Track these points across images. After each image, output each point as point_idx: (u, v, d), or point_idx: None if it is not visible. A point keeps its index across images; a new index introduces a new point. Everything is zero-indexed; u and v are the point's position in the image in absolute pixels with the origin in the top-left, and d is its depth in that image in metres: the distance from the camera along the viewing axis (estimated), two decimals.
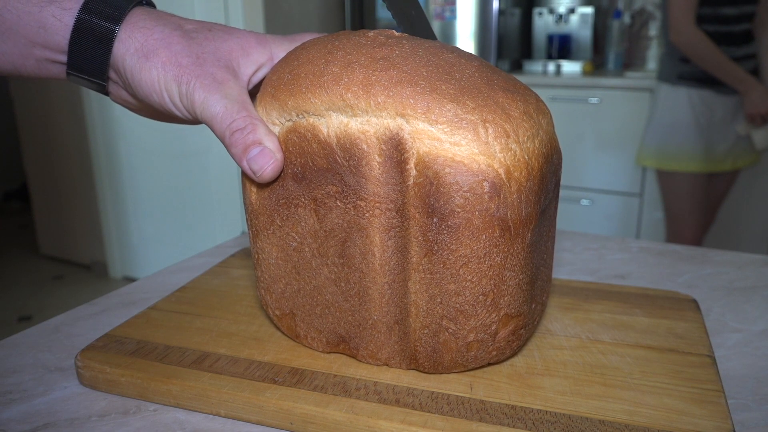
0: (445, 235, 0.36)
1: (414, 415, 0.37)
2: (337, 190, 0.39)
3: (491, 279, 0.37)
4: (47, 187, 2.75)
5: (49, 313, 2.28)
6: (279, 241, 0.43)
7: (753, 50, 1.68)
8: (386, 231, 0.38)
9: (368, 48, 0.38)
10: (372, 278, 0.40)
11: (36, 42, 0.40)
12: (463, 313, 0.38)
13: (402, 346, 0.41)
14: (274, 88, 0.40)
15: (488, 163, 0.35)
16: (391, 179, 0.37)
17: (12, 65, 0.40)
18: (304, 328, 0.44)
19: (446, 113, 0.35)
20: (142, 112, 0.45)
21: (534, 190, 0.37)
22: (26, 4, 0.39)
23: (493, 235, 0.36)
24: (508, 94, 0.38)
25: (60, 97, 2.52)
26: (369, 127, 0.37)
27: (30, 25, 0.39)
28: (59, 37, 0.39)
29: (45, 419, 0.40)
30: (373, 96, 0.36)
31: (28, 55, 0.40)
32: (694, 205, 1.79)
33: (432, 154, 0.35)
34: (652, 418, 0.37)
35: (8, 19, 0.39)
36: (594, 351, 0.44)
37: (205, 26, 0.42)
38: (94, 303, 0.58)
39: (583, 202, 2.31)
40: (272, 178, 0.40)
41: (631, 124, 2.15)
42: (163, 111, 0.41)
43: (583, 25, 2.49)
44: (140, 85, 0.40)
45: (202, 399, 0.40)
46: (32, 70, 0.41)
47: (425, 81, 0.36)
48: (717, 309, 0.56)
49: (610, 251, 0.71)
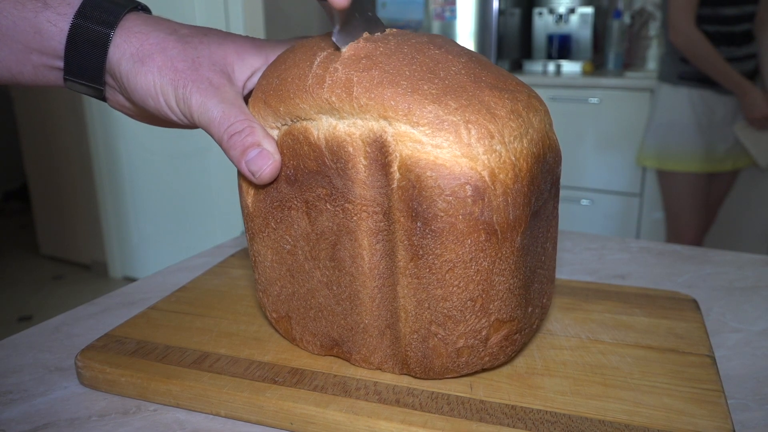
0: (430, 239, 0.35)
1: (414, 415, 0.37)
2: (327, 192, 0.39)
3: (479, 284, 0.36)
4: (47, 187, 2.75)
5: (49, 313, 2.28)
6: (274, 244, 0.43)
7: (753, 50, 1.68)
8: (374, 234, 0.38)
9: (352, 46, 0.38)
10: (362, 282, 0.40)
11: (32, 48, 0.40)
12: (452, 318, 0.37)
13: (394, 351, 0.41)
14: (264, 93, 0.40)
15: (471, 166, 0.34)
16: (377, 182, 0.37)
17: (9, 72, 0.41)
18: (299, 331, 0.44)
19: (427, 115, 0.34)
20: (140, 117, 0.45)
21: (522, 192, 0.36)
22: (22, 10, 0.39)
23: (479, 240, 0.35)
24: (495, 92, 0.36)
25: (60, 97, 2.52)
26: (355, 129, 0.36)
27: (26, 31, 0.39)
28: (55, 42, 0.40)
29: (45, 419, 0.40)
30: (355, 98, 0.35)
31: (25, 61, 0.40)
32: (694, 205, 1.79)
33: (414, 157, 0.35)
34: (652, 418, 0.37)
35: (4, 25, 0.39)
36: (594, 351, 0.44)
37: (200, 31, 0.42)
38: (94, 303, 0.58)
39: (583, 202, 2.31)
40: (271, 179, 0.40)
41: (631, 124, 2.15)
42: (160, 116, 0.41)
43: (583, 25, 2.49)
44: (136, 90, 0.40)
45: (202, 399, 0.40)
46: (29, 77, 0.41)
47: (407, 81, 0.35)
48: (717, 309, 0.56)
49: (610, 251, 0.71)
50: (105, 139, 2.44)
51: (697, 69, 1.66)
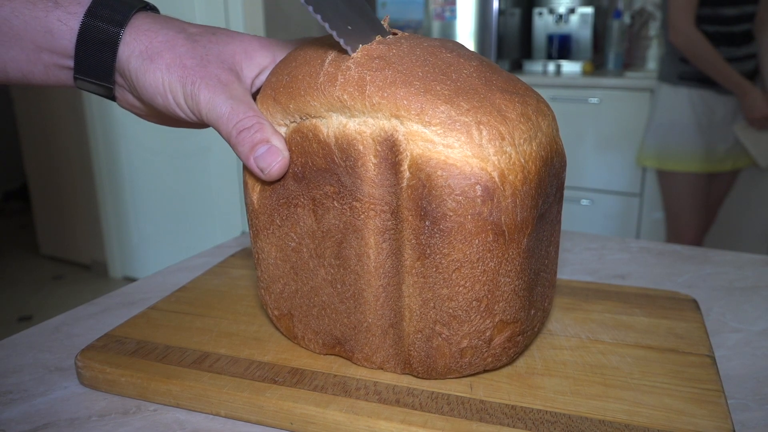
0: (438, 238, 0.36)
1: (414, 415, 0.37)
2: (335, 190, 0.39)
3: (485, 284, 0.37)
4: (47, 187, 2.75)
5: (49, 313, 2.28)
6: (278, 241, 0.43)
7: (753, 50, 1.68)
8: (381, 233, 0.38)
9: (365, 48, 0.38)
10: (367, 280, 0.40)
11: (43, 47, 0.40)
12: (456, 318, 0.37)
13: (396, 350, 0.41)
14: (274, 90, 0.40)
15: (481, 166, 0.34)
16: (386, 181, 0.37)
17: (20, 72, 0.41)
18: (301, 329, 0.44)
19: (440, 115, 0.35)
20: (150, 116, 0.45)
21: (530, 194, 0.36)
22: (33, 9, 0.39)
23: (486, 240, 0.35)
24: (506, 95, 0.37)
25: (60, 97, 2.52)
26: (365, 128, 0.37)
27: (37, 30, 0.39)
28: (65, 41, 0.40)
29: (45, 419, 0.40)
30: (368, 97, 0.36)
31: (36, 60, 0.40)
32: (694, 205, 1.79)
33: (425, 156, 0.35)
34: (652, 418, 0.37)
35: (16, 25, 0.39)
36: (594, 351, 0.44)
37: (208, 30, 0.42)
38: (94, 303, 0.58)
39: (583, 202, 2.31)
40: (279, 175, 0.40)
41: (631, 124, 2.15)
42: (169, 113, 0.42)
43: (583, 25, 2.49)
44: (145, 87, 0.40)
45: (202, 399, 0.40)
46: (40, 76, 0.41)
47: (420, 81, 0.36)
48: (717, 309, 0.56)
49: (610, 251, 0.71)
50: (105, 139, 2.44)
51: (697, 69, 1.66)
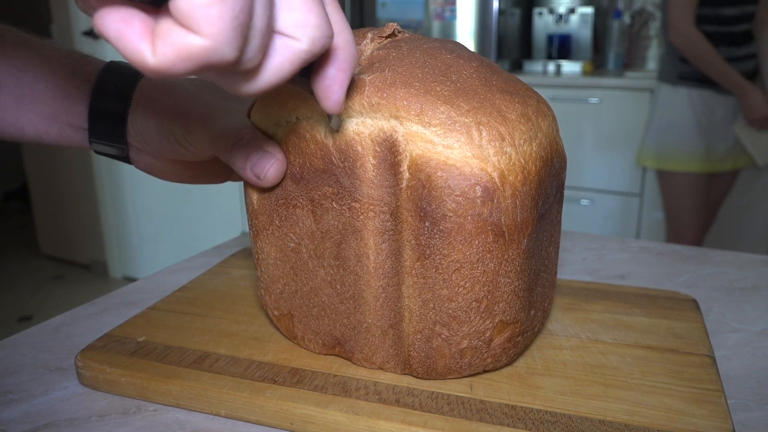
0: (437, 239, 0.36)
1: (414, 415, 0.37)
2: (333, 191, 0.39)
3: (485, 285, 0.37)
4: (47, 187, 2.75)
5: (49, 313, 2.28)
6: (278, 242, 0.43)
7: (753, 50, 1.68)
8: (380, 234, 0.38)
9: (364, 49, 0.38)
10: (366, 281, 0.40)
11: (60, 111, 0.42)
12: (456, 319, 0.37)
13: (396, 351, 0.41)
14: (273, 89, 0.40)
15: (481, 167, 0.34)
16: (385, 182, 0.37)
17: (36, 132, 0.42)
18: (301, 329, 0.44)
19: (439, 115, 0.35)
20: (167, 173, 0.47)
21: (530, 194, 0.36)
22: (54, 76, 0.41)
23: (486, 241, 0.35)
24: (505, 96, 0.37)
25: None
26: (364, 128, 0.37)
27: (56, 96, 0.41)
28: (82, 106, 0.42)
29: (45, 419, 0.40)
30: (367, 97, 0.36)
31: (53, 122, 0.42)
32: (694, 205, 1.79)
33: (425, 157, 0.35)
34: (652, 418, 0.37)
35: (36, 89, 0.41)
36: (594, 351, 0.44)
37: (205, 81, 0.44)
38: (94, 303, 0.58)
39: (583, 202, 2.31)
40: (276, 179, 0.40)
41: (631, 124, 2.15)
42: (178, 156, 0.43)
43: (583, 25, 2.49)
44: (149, 134, 0.42)
45: (202, 399, 0.40)
46: (55, 137, 0.43)
47: (420, 82, 0.36)
48: (717, 309, 0.56)
49: (610, 251, 0.71)
50: None
51: (697, 69, 1.66)
